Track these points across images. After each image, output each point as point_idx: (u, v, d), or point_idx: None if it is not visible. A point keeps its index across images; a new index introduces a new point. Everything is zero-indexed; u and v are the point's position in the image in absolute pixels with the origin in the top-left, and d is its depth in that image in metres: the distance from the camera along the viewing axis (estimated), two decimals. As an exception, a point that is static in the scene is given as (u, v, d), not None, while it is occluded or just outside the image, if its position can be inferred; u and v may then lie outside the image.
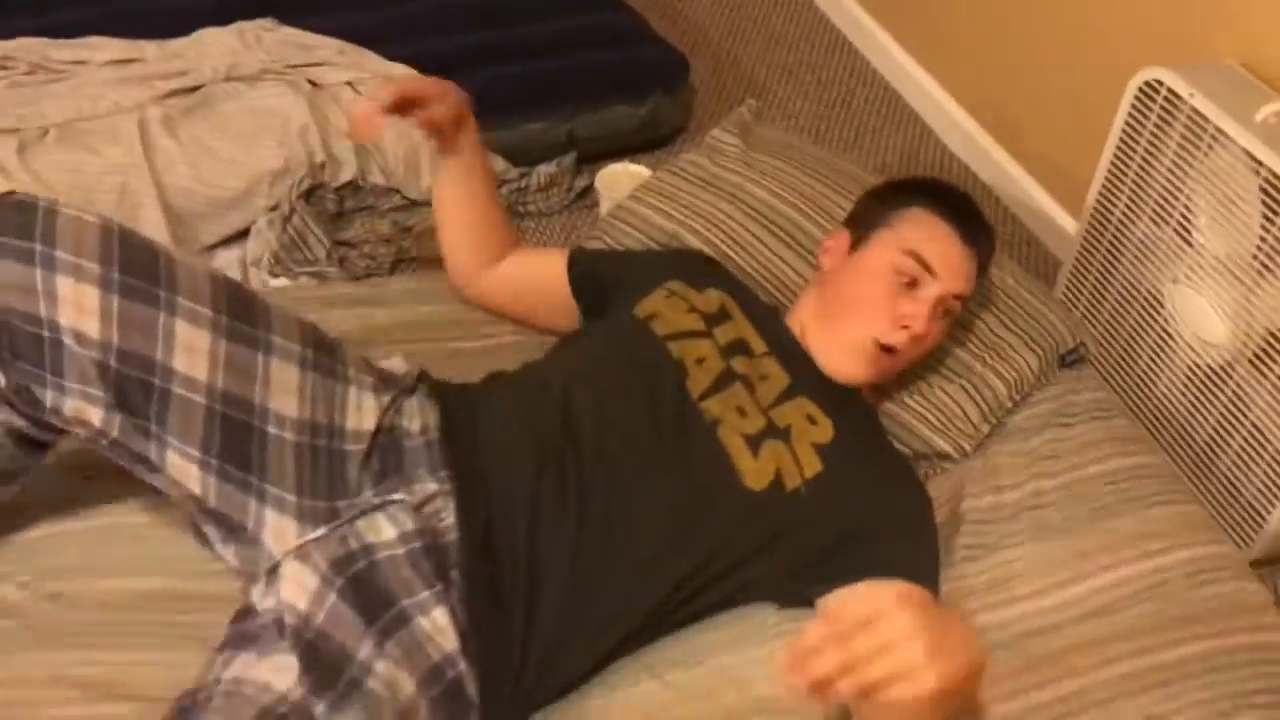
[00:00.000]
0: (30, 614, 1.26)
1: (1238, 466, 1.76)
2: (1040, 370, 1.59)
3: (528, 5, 2.50)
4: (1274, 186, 1.59)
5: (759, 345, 1.36)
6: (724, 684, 1.25)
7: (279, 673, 1.06)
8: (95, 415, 1.12)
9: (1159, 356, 1.87)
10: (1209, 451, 1.81)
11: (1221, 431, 1.77)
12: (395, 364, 1.36)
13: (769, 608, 1.31)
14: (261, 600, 1.13)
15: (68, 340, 1.10)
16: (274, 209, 2.07)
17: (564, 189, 2.28)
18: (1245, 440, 1.73)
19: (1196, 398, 1.81)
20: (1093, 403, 1.61)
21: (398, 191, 2.16)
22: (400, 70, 2.22)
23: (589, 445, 1.25)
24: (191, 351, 1.13)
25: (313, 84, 2.19)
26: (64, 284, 1.09)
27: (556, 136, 2.29)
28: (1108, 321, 1.98)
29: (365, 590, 1.12)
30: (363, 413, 1.25)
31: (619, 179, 2.11)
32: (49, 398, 1.12)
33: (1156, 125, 1.78)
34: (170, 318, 1.13)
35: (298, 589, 1.10)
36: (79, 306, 1.09)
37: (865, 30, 2.84)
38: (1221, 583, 1.38)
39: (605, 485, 1.22)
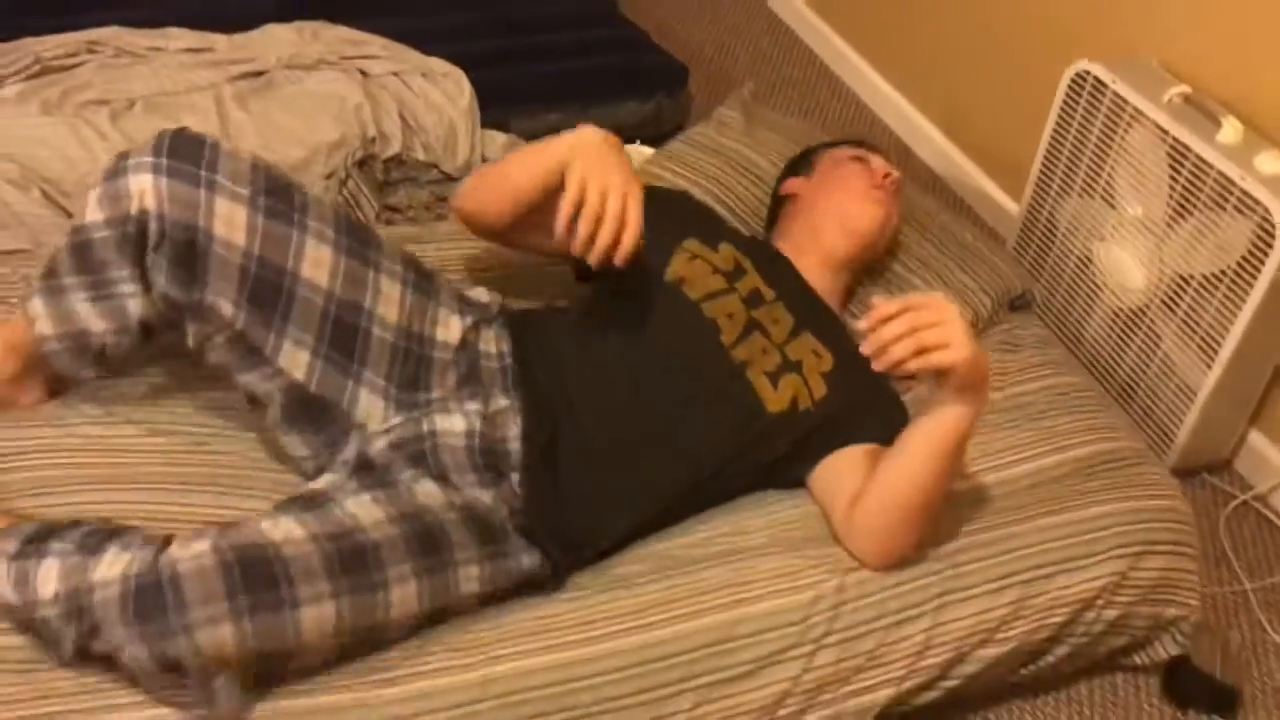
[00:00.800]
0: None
1: (1153, 391, 2.10)
2: (993, 309, 1.94)
3: (550, 19, 2.84)
4: (1177, 151, 1.95)
5: (769, 293, 1.67)
6: (727, 532, 1.56)
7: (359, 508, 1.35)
8: (227, 308, 1.41)
9: (1090, 305, 2.21)
10: (1131, 380, 2.14)
11: (1140, 363, 2.11)
12: (480, 294, 1.66)
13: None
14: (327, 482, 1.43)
15: (217, 248, 1.39)
16: (330, 176, 2.37)
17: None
18: (1158, 369, 2.07)
19: (1120, 337, 2.15)
20: (1034, 337, 1.95)
21: (436, 166, 2.47)
22: (436, 64, 2.54)
23: (645, 387, 1.54)
24: (317, 264, 1.44)
25: (363, 73, 2.51)
26: (221, 204, 1.39)
27: (572, 126, 2.61)
28: (1048, 281, 2.32)
29: (424, 462, 1.43)
30: (449, 329, 1.55)
31: (629, 155, 2.44)
32: (191, 292, 1.40)
33: (1085, 110, 2.14)
34: (302, 236, 1.43)
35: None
36: (230, 223, 1.39)
37: (836, 49, 3.23)
38: (1132, 465, 1.72)
39: (656, 414, 1.52)
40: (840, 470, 1.56)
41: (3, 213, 2.16)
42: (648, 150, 2.44)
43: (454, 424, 1.46)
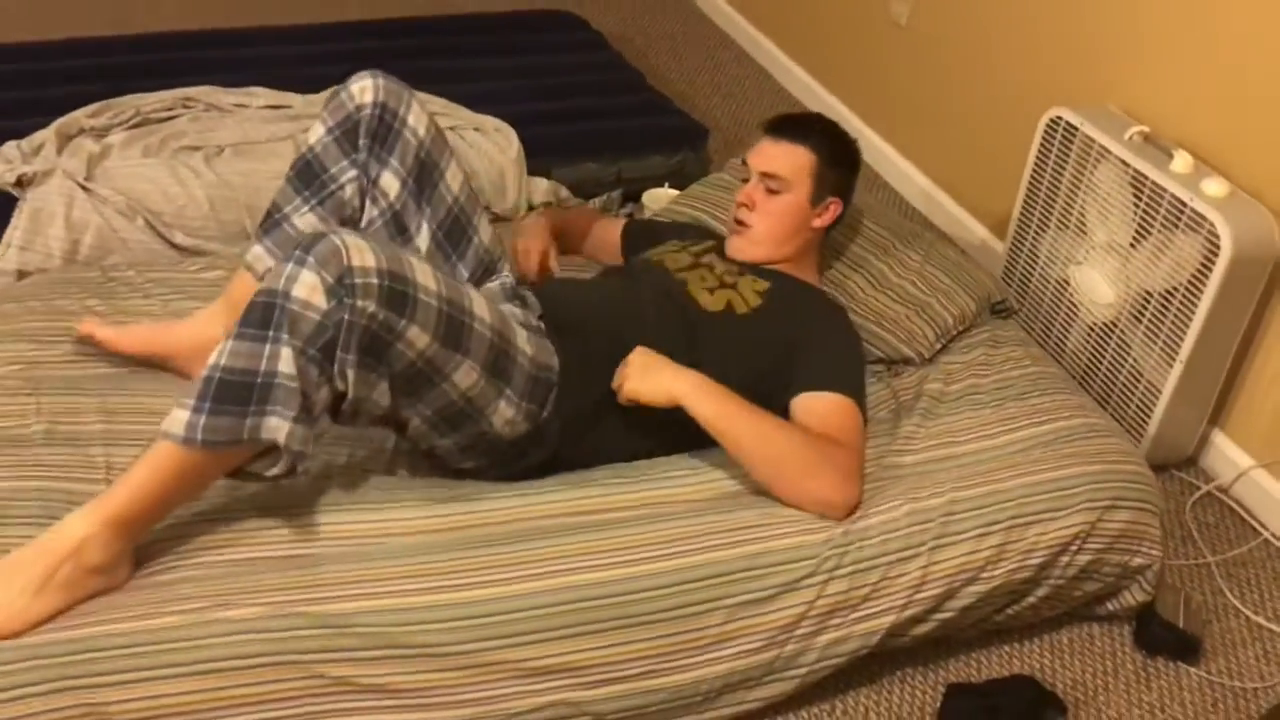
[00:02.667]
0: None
1: (1125, 394, 2.37)
2: (977, 310, 2.23)
3: (586, 86, 3.20)
4: (1138, 181, 2.26)
5: (720, 261, 2.07)
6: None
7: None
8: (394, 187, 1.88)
9: (1069, 323, 2.50)
10: (1106, 386, 2.42)
11: (1113, 370, 2.39)
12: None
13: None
14: None
15: (406, 133, 1.91)
16: (395, 213, 2.69)
17: (612, 213, 2.92)
18: (1129, 375, 2.35)
19: (1096, 348, 2.43)
20: (1015, 338, 2.25)
21: (488, 207, 2.78)
22: (488, 120, 2.87)
23: (625, 315, 1.93)
24: (454, 178, 1.93)
25: (423, 127, 2.84)
26: (413, 110, 1.94)
27: (608, 175, 2.94)
28: (1032, 305, 2.62)
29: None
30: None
31: (659, 197, 2.76)
32: (371, 168, 1.90)
33: (1059, 151, 2.45)
34: (447, 162, 1.96)
35: None
36: (417, 119, 1.93)
37: (838, 114, 3.57)
38: (1102, 436, 1.99)
39: (632, 328, 1.88)
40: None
41: (112, 239, 2.47)
42: (674, 191, 2.77)
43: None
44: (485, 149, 2.80)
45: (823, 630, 1.71)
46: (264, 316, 1.47)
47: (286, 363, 1.46)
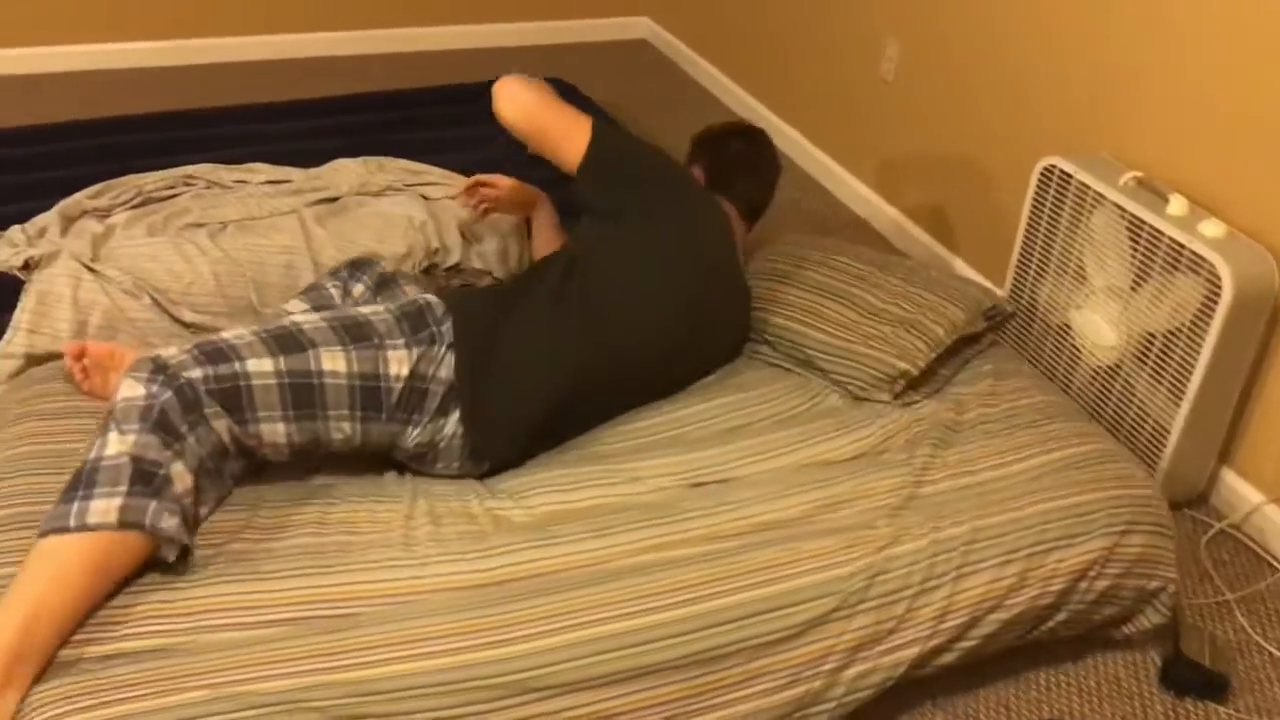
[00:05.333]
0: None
1: (1133, 436, 2.39)
2: (968, 320, 2.22)
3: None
4: (1135, 225, 2.30)
5: None
6: (766, 518, 1.84)
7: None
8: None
9: (1073, 367, 2.52)
10: (1113, 429, 2.44)
11: (1119, 412, 2.42)
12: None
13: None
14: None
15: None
16: (399, 283, 2.71)
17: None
18: (1135, 416, 2.38)
19: (1100, 391, 2.46)
20: (1019, 370, 2.26)
21: (489, 273, 2.81)
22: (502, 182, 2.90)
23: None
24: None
25: (424, 197, 2.87)
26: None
27: (607, 238, 2.97)
28: (1035, 349, 2.64)
29: None
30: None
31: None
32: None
33: (1054, 198, 2.50)
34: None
35: None
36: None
37: (829, 170, 3.63)
38: (1113, 462, 2.02)
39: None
40: None
41: (119, 318, 2.47)
42: None
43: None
44: (488, 217, 2.82)
45: (849, 664, 1.71)
46: (102, 424, 1.63)
47: (111, 445, 1.59)
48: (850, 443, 2.00)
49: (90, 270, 2.48)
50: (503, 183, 2.63)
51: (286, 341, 1.74)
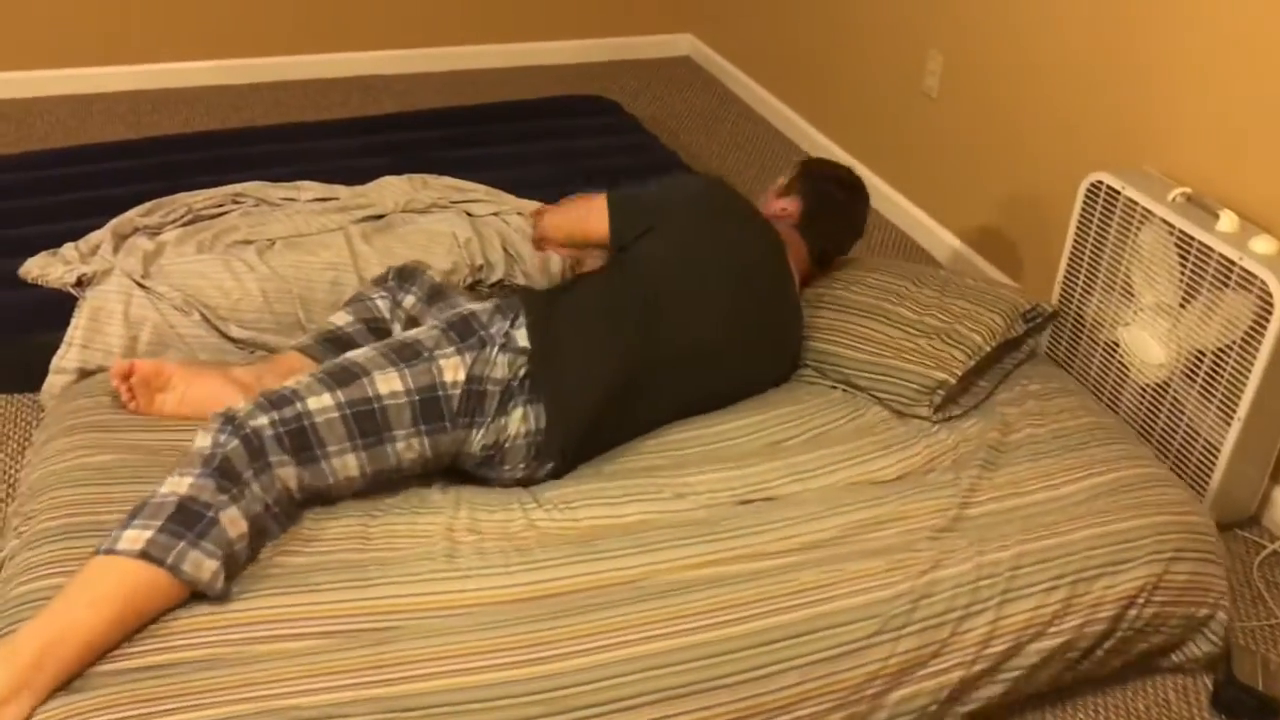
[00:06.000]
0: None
1: (1182, 454, 2.36)
2: (1006, 325, 2.20)
3: (624, 169, 3.25)
4: (1184, 241, 2.27)
5: None
6: (806, 539, 1.83)
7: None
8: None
9: (1120, 385, 2.49)
10: (1161, 447, 2.41)
11: (1168, 431, 2.38)
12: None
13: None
14: None
15: None
16: (443, 299, 2.73)
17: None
18: (1185, 434, 2.34)
19: (1149, 409, 2.42)
20: (1066, 388, 2.24)
21: (533, 290, 2.82)
22: (530, 205, 2.92)
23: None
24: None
25: (469, 214, 2.89)
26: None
27: (649, 254, 2.98)
28: (1081, 366, 2.61)
29: None
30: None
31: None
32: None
33: (1101, 215, 2.47)
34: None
35: None
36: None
37: (872, 185, 3.62)
38: (1163, 487, 1.99)
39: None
40: None
41: (169, 334, 2.51)
42: None
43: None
44: (529, 233, 2.84)
45: (894, 688, 1.70)
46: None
47: (167, 485, 1.62)
48: (896, 462, 1.99)
49: (141, 287, 2.52)
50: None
51: (340, 375, 1.78)
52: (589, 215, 2.28)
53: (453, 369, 1.83)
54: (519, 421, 1.87)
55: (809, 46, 3.94)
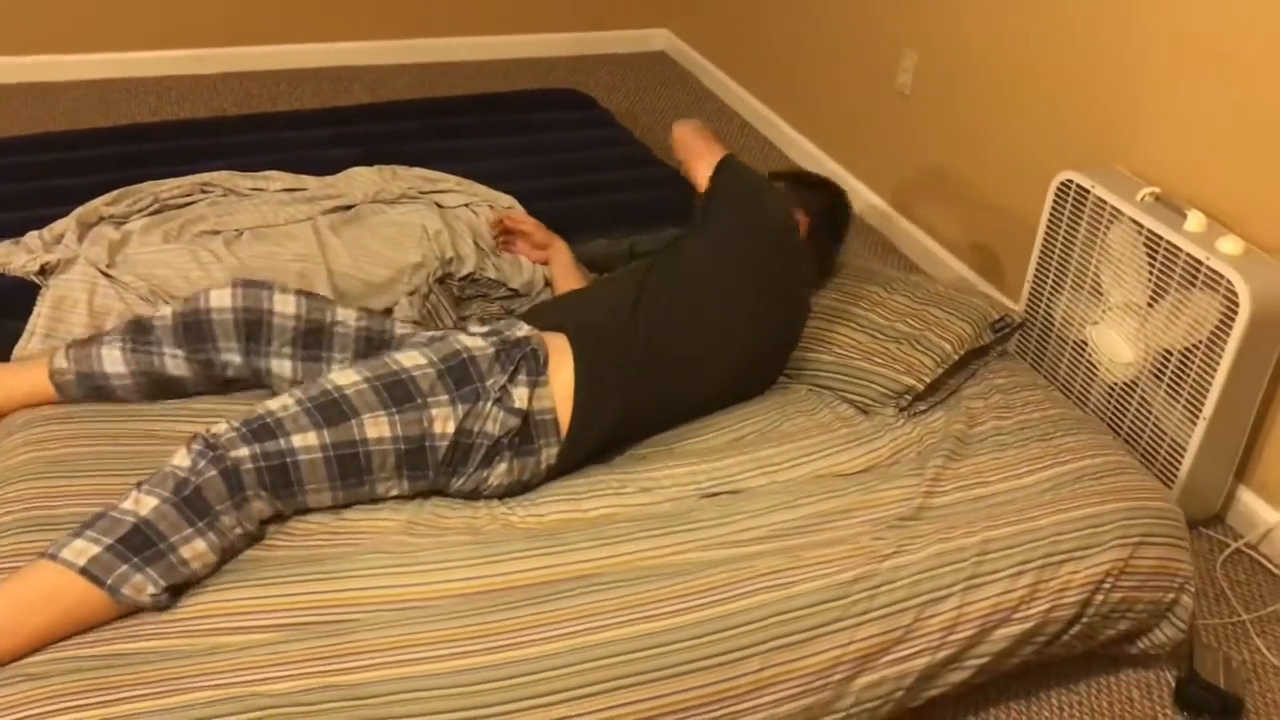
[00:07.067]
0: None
1: (1149, 452, 2.37)
2: (976, 334, 2.21)
3: (596, 162, 3.24)
4: (1152, 241, 2.28)
5: None
6: (768, 529, 1.83)
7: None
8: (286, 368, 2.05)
9: (1089, 383, 2.50)
10: (1129, 445, 2.42)
11: (1135, 430, 2.39)
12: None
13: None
14: None
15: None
16: (413, 292, 2.70)
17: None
18: (1152, 433, 2.35)
19: (1117, 408, 2.43)
20: (1033, 383, 2.24)
21: (504, 284, 2.80)
22: (503, 197, 2.91)
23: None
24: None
25: (439, 205, 2.87)
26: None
27: (620, 249, 2.96)
28: (1051, 365, 2.62)
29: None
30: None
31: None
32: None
33: (1071, 213, 2.48)
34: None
35: None
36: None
37: (845, 182, 3.61)
38: (1128, 473, 2.00)
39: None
40: None
41: (134, 324, 2.48)
42: None
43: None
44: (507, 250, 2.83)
45: (857, 675, 1.69)
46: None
47: (129, 501, 1.58)
48: (862, 455, 2.00)
49: (106, 276, 2.48)
50: (525, 224, 2.73)
51: (330, 412, 1.71)
52: (701, 160, 2.23)
53: (443, 420, 1.76)
54: (502, 475, 1.83)
55: (784, 43, 3.94)
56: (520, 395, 1.83)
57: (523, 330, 1.92)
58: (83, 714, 1.40)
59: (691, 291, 2.03)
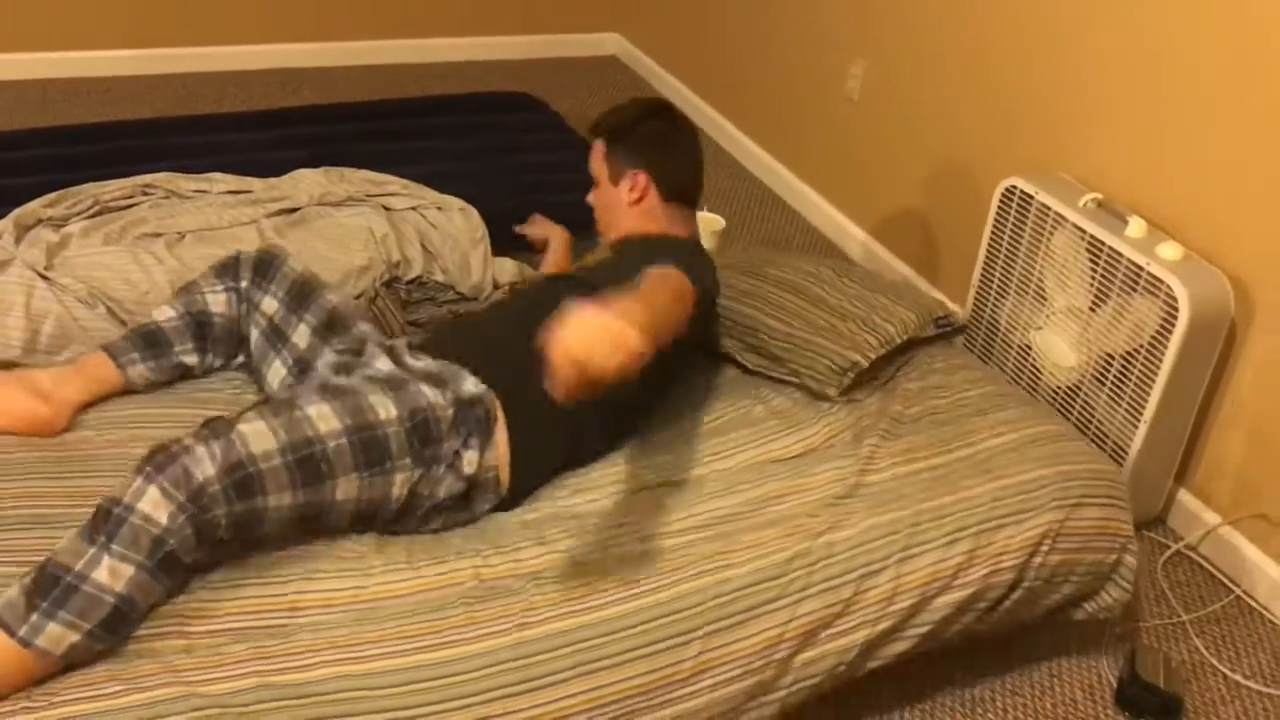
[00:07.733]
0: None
1: (1091, 456, 2.40)
2: (920, 323, 2.23)
3: (549, 165, 3.23)
4: (1094, 246, 2.31)
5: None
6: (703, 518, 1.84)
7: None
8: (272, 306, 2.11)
9: (1034, 387, 2.53)
10: (1071, 450, 2.44)
11: (1079, 431, 2.42)
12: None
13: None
14: None
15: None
16: (360, 296, 2.68)
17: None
18: (1094, 436, 2.38)
19: (1061, 411, 2.46)
20: (969, 364, 2.26)
21: (453, 288, 2.78)
22: (451, 200, 2.89)
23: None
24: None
25: (386, 208, 2.85)
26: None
27: (573, 253, 2.96)
28: (996, 369, 2.64)
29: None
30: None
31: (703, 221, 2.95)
32: None
33: (1015, 219, 2.51)
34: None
35: None
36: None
37: (795, 189, 3.64)
38: (1065, 440, 2.02)
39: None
40: None
41: (73, 328, 2.42)
42: (720, 219, 2.99)
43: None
44: (449, 230, 2.81)
45: (799, 651, 1.70)
46: (97, 523, 1.50)
47: (103, 571, 1.47)
48: (797, 440, 2.02)
49: (44, 278, 2.44)
50: (556, 236, 2.83)
51: (310, 473, 1.64)
52: (681, 302, 1.74)
53: (401, 484, 1.73)
54: (436, 526, 1.82)
55: (734, 49, 3.95)
56: (470, 460, 1.79)
57: (471, 387, 1.83)
58: (29, 717, 1.39)
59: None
